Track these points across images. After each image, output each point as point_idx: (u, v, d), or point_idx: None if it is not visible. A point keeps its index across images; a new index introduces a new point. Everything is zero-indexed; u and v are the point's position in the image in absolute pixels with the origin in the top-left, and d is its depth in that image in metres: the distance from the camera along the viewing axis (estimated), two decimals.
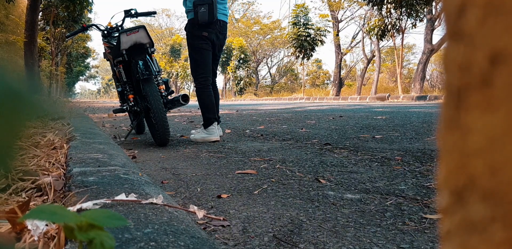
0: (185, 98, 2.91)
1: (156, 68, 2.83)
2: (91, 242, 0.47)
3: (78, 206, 0.80)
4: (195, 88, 3.12)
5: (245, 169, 1.88)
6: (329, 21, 21.00)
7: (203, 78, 3.01)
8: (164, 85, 2.91)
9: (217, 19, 2.96)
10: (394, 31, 14.99)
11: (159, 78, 2.87)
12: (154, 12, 3.51)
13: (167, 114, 2.76)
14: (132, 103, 2.94)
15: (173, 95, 3.05)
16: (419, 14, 14.15)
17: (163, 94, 2.86)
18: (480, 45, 0.17)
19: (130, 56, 2.83)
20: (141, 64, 2.73)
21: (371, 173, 1.74)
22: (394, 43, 16.21)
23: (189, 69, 3.20)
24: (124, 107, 3.01)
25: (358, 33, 23.97)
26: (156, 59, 2.94)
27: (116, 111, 3.09)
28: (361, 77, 21.55)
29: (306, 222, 1.11)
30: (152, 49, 2.90)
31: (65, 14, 13.01)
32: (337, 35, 21.50)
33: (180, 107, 3.17)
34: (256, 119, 5.37)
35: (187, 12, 3.05)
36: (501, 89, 0.16)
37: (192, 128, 4.04)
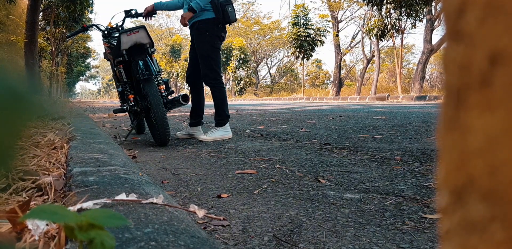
0: (185, 98, 2.92)
1: (156, 68, 2.83)
2: (92, 242, 0.47)
3: (78, 206, 0.80)
4: (214, 88, 3.07)
5: (245, 169, 1.88)
6: (329, 21, 20.98)
7: (221, 78, 3.12)
8: (164, 85, 2.92)
9: None
10: (394, 31, 14.98)
11: (159, 78, 2.87)
12: (155, 12, 3.51)
13: (167, 114, 2.77)
14: (132, 103, 2.95)
15: (173, 95, 3.05)
16: (418, 14, 14.14)
17: (163, 94, 2.86)
18: (480, 45, 0.17)
19: (130, 56, 2.83)
20: (141, 64, 2.74)
21: (371, 173, 1.74)
22: (394, 43, 16.21)
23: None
24: (124, 107, 3.01)
25: (357, 33, 24.00)
26: (156, 59, 2.95)
27: (116, 111, 3.09)
28: (361, 77, 21.54)
29: (306, 222, 1.11)
30: (152, 49, 2.90)
31: (66, 14, 13.02)
32: (337, 35, 21.49)
33: (180, 107, 3.17)
34: (256, 119, 5.37)
35: (199, 10, 2.95)
36: (501, 89, 0.16)
37: None
